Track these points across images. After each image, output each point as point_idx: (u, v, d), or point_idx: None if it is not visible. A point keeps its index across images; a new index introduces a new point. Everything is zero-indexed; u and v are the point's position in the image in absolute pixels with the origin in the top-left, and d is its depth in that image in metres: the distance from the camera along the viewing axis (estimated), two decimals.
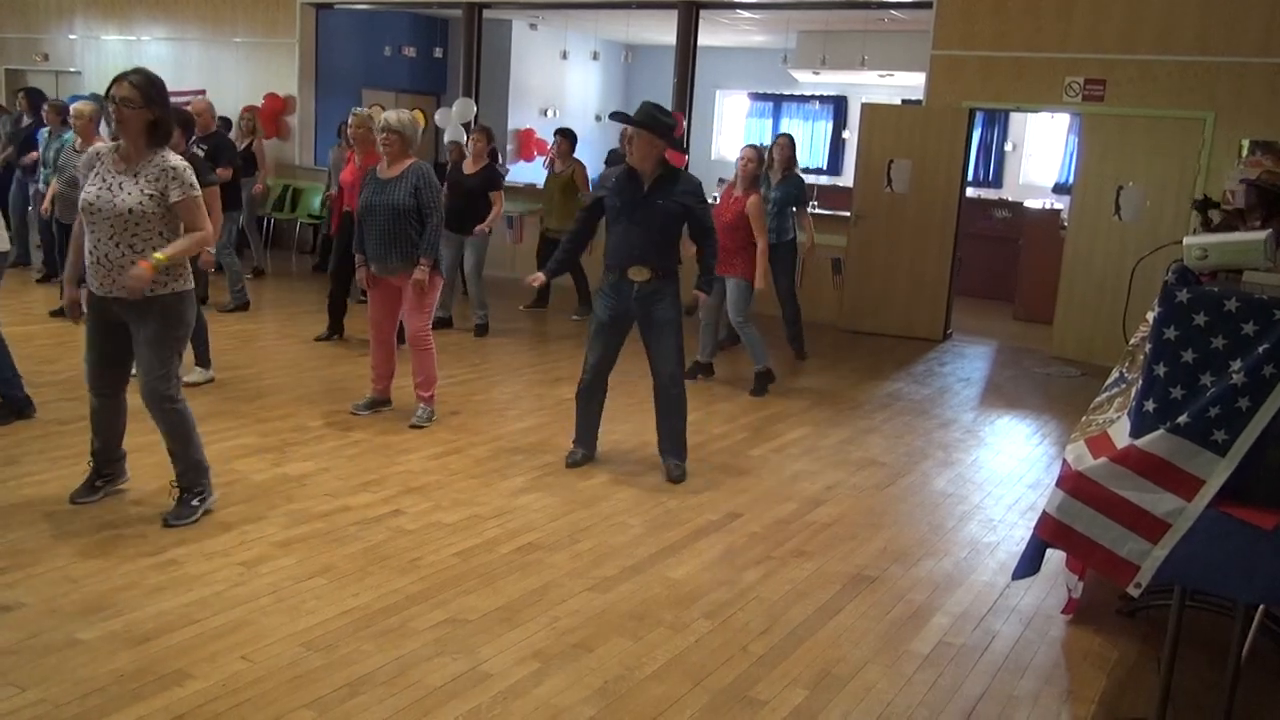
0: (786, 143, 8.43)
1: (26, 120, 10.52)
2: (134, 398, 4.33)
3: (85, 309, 4.27)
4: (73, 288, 4.34)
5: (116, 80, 4.07)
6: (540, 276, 5.49)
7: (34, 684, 3.01)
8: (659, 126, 4.99)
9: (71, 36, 14.83)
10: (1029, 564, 2.98)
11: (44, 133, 9.07)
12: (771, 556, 4.38)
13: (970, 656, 3.63)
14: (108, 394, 4.36)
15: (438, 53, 15.08)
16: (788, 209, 8.21)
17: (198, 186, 4.17)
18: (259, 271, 10.65)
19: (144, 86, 4.07)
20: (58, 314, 7.82)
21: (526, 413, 6.36)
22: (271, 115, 12.90)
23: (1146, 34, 8.63)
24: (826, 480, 5.44)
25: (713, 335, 7.57)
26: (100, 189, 4.06)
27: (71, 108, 7.78)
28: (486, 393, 6.76)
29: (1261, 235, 2.82)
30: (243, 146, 10.65)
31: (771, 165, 8.18)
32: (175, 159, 4.12)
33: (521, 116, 15.48)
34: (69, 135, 8.36)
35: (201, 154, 6.63)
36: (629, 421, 6.24)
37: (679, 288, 5.23)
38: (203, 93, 13.38)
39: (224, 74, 13.48)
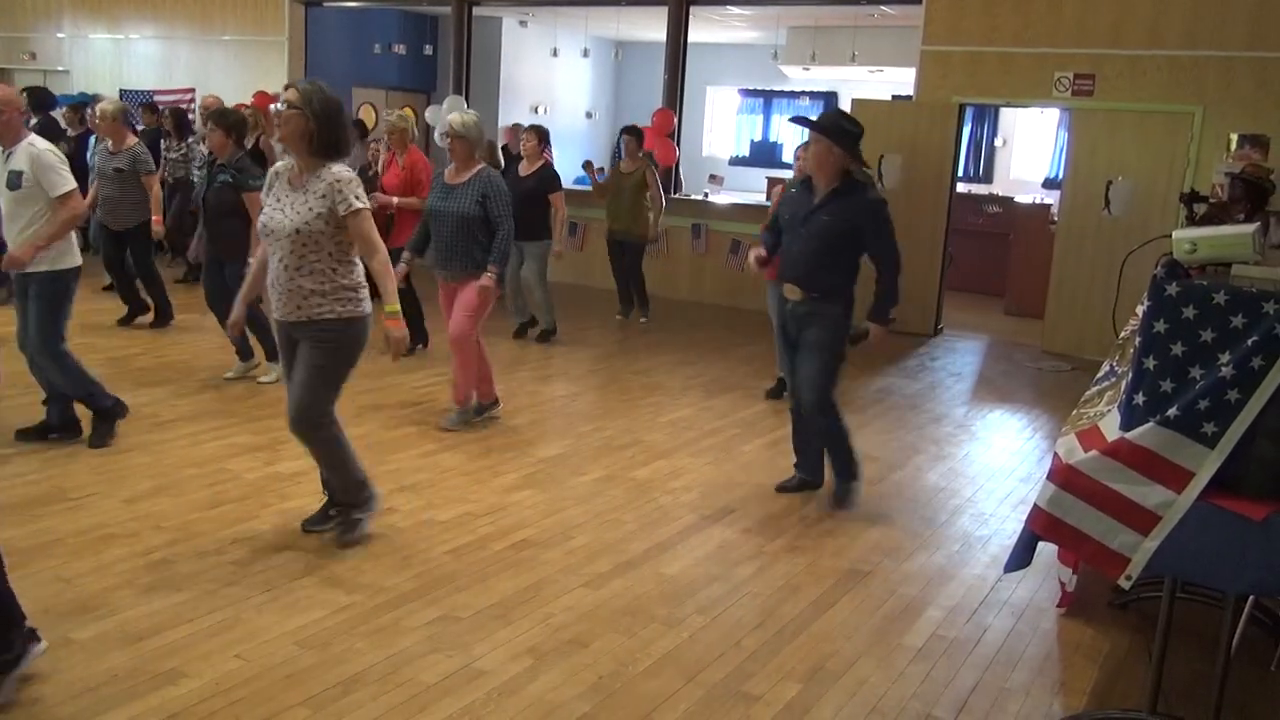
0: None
1: (33, 120, 10.45)
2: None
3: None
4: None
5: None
6: (762, 253, 5.00)
7: (28, 684, 3.00)
8: (841, 133, 4.63)
9: (59, 35, 14.77)
10: (1020, 557, 2.99)
11: (91, 140, 9.08)
12: (764, 552, 4.39)
13: (962, 649, 3.64)
14: None
15: (427, 50, 15.06)
16: None
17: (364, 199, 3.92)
18: None
19: (308, 94, 3.90)
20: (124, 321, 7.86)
21: (518, 410, 6.35)
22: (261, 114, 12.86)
23: (1135, 29, 8.66)
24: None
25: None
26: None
27: (98, 109, 7.74)
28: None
29: (1249, 229, 2.83)
30: (249, 143, 10.62)
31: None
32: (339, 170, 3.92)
33: (512, 114, 15.44)
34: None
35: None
36: (623, 418, 6.25)
37: (843, 311, 4.84)
38: (192, 91, 13.37)
39: (213, 72, 13.45)
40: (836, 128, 4.67)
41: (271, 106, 4.21)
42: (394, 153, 7.38)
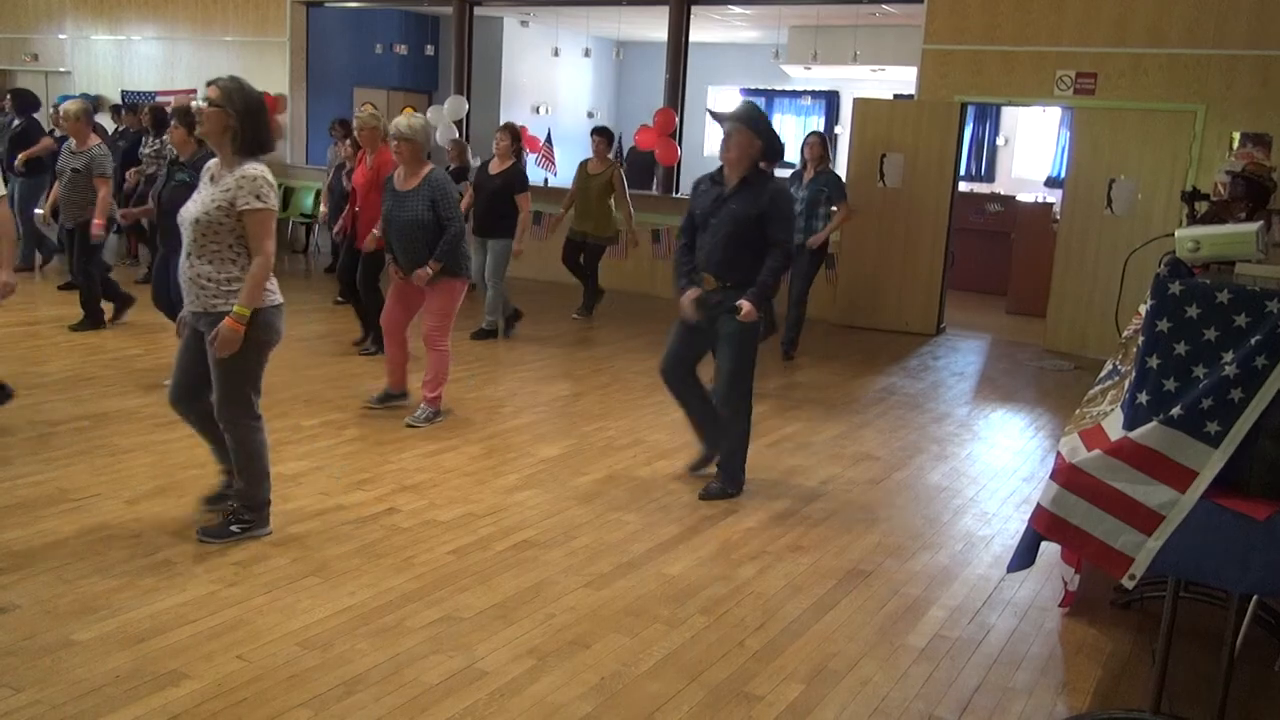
0: (816, 141, 8.23)
1: (16, 121, 10.48)
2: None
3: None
4: None
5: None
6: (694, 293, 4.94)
7: (30, 685, 3.01)
8: (761, 124, 4.76)
9: (61, 36, 14.78)
10: (1023, 557, 2.98)
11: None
12: (767, 551, 4.39)
13: (966, 649, 3.64)
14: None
15: (429, 50, 15.06)
16: (816, 209, 8.12)
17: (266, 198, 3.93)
18: None
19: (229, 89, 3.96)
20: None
21: (520, 410, 6.35)
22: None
23: (1137, 27, 8.65)
24: (821, 475, 5.45)
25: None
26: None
27: (61, 108, 7.78)
28: (480, 390, 6.76)
29: (1253, 227, 2.82)
30: None
31: (804, 165, 8.12)
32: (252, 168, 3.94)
33: (513, 114, 15.44)
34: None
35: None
36: (624, 418, 6.25)
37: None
38: (193, 92, 13.36)
39: (215, 73, 13.36)
40: (756, 118, 4.79)
41: (192, 103, 4.26)
42: (364, 151, 7.41)
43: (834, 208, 8.19)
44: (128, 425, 5.42)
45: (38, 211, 9.80)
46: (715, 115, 5.11)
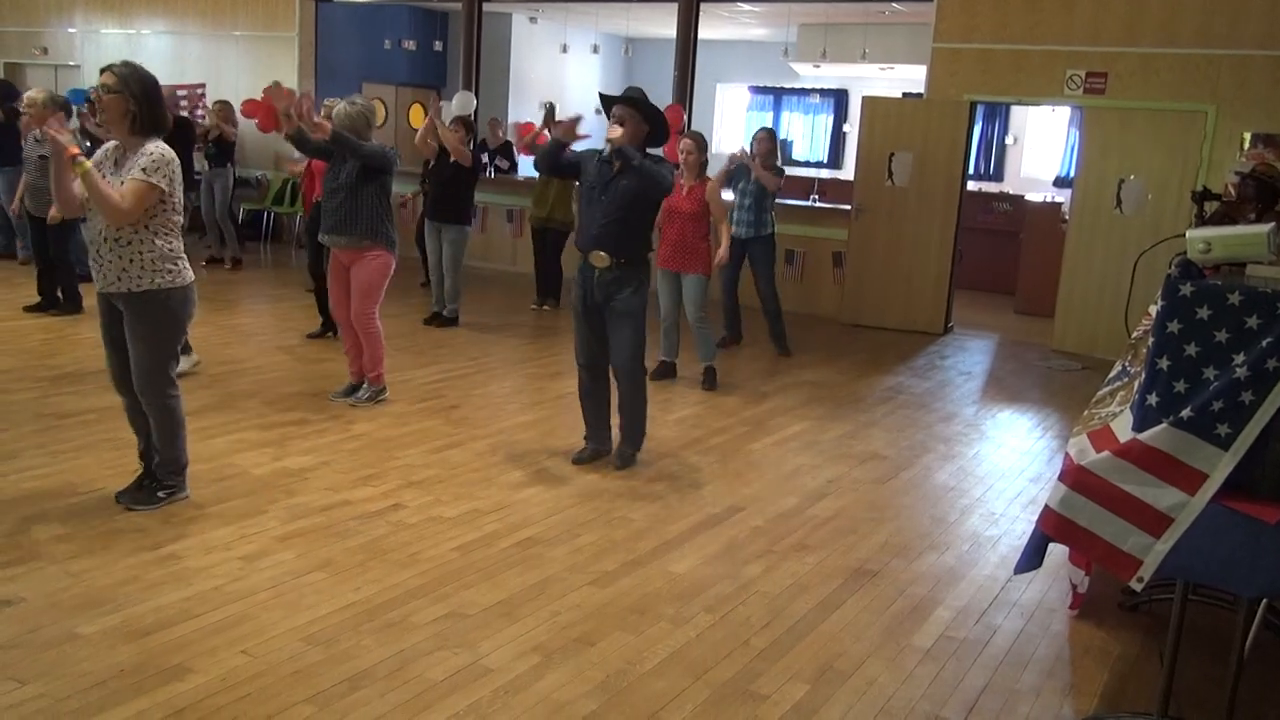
0: (765, 136, 8.23)
1: None
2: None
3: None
4: None
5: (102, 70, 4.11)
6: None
7: (34, 678, 3.01)
8: (648, 105, 5.03)
9: (71, 30, 14.80)
10: (1031, 558, 2.97)
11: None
12: (773, 550, 4.38)
13: (972, 650, 3.62)
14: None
15: (438, 46, 15.06)
16: (765, 202, 8.13)
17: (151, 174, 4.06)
18: (236, 262, 10.73)
19: (124, 75, 4.09)
20: (32, 309, 7.91)
21: (527, 407, 6.35)
22: (272, 109, 12.87)
23: (1148, 26, 8.61)
24: (828, 474, 5.44)
25: (675, 334, 7.24)
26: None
27: (26, 97, 7.84)
28: (486, 386, 6.75)
29: (1265, 228, 2.80)
30: (213, 136, 10.71)
31: (752, 159, 8.10)
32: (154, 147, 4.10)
33: (522, 110, 15.45)
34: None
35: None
36: None
37: (645, 276, 5.13)
38: (203, 86, 13.39)
39: (224, 68, 13.46)
40: (645, 100, 5.06)
41: (89, 90, 4.43)
42: None
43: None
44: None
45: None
46: (604, 98, 5.34)
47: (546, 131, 9.70)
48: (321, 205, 6.16)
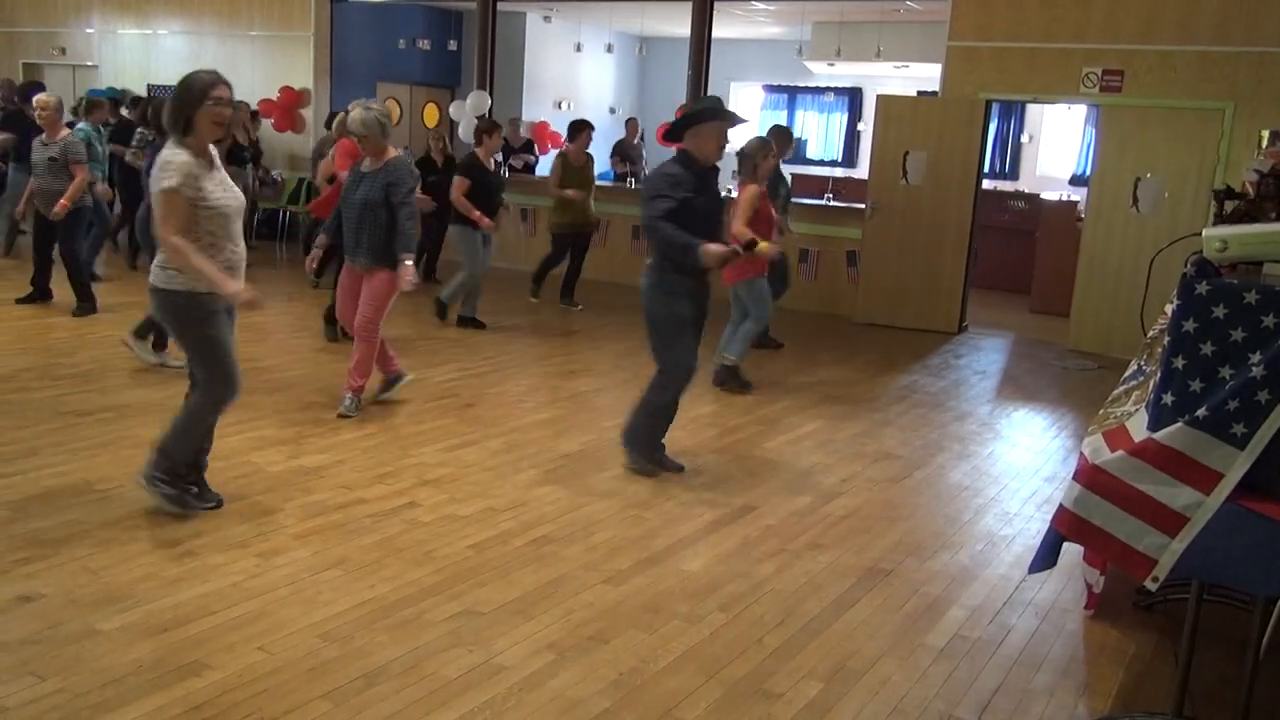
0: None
1: None
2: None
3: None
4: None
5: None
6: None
7: (54, 673, 3.04)
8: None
9: (89, 30, 14.90)
10: (1045, 558, 2.96)
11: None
12: (787, 549, 4.38)
13: (986, 650, 3.62)
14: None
15: (452, 45, 15.11)
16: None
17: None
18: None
19: None
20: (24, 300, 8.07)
21: (541, 405, 6.36)
22: (287, 109, 12.94)
23: (1165, 24, 8.56)
24: (842, 473, 5.43)
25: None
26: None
27: (35, 100, 7.89)
28: (501, 385, 6.77)
29: None
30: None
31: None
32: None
33: (536, 109, 15.48)
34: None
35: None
36: None
37: (659, 280, 4.91)
38: None
39: (240, 67, 13.52)
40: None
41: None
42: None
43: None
44: (152, 417, 5.46)
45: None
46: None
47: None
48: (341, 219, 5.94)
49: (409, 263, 5.64)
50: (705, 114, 4.92)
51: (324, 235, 6.03)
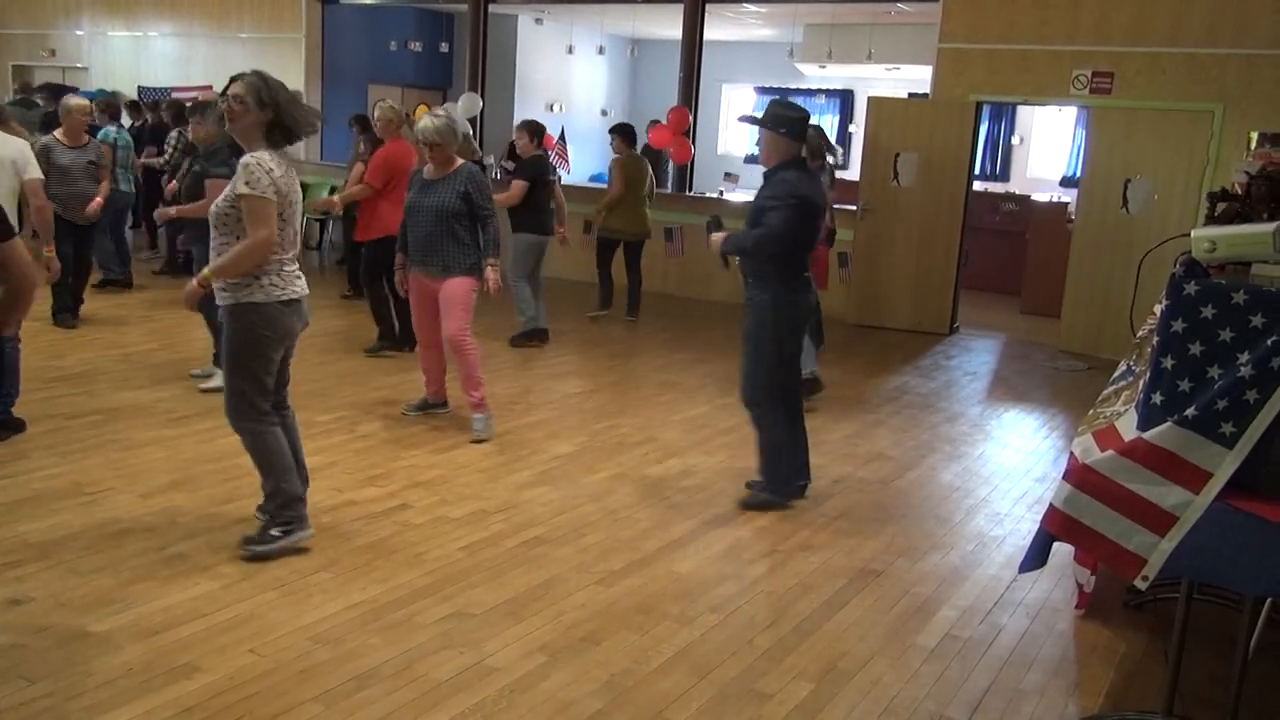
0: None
1: None
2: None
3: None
4: None
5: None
6: None
7: (43, 676, 3.03)
8: (783, 122, 4.60)
9: (79, 32, 14.86)
10: (1035, 557, 2.97)
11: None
12: (778, 550, 4.38)
13: (977, 650, 3.63)
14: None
15: (443, 47, 15.11)
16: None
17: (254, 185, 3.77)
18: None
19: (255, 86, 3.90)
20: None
21: (533, 407, 6.36)
22: None
23: (1155, 26, 8.60)
24: (833, 474, 5.44)
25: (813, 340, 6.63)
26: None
27: (74, 105, 7.81)
28: (492, 387, 6.75)
29: (1270, 227, 2.80)
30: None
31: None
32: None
33: (527, 111, 15.45)
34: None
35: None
36: (636, 416, 6.25)
37: (767, 298, 4.68)
38: (210, 89, 13.43)
39: (231, 69, 13.36)
40: (771, 115, 4.62)
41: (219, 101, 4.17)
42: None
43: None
44: (142, 420, 5.45)
45: None
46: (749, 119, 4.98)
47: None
48: (407, 227, 5.70)
49: (492, 265, 5.55)
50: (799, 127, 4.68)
51: (400, 254, 5.75)
